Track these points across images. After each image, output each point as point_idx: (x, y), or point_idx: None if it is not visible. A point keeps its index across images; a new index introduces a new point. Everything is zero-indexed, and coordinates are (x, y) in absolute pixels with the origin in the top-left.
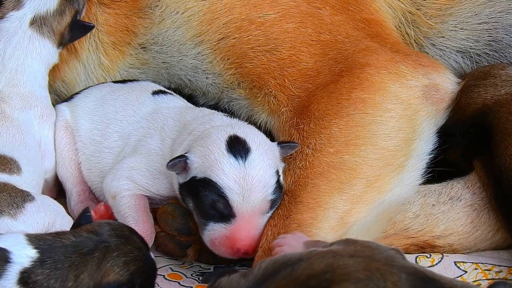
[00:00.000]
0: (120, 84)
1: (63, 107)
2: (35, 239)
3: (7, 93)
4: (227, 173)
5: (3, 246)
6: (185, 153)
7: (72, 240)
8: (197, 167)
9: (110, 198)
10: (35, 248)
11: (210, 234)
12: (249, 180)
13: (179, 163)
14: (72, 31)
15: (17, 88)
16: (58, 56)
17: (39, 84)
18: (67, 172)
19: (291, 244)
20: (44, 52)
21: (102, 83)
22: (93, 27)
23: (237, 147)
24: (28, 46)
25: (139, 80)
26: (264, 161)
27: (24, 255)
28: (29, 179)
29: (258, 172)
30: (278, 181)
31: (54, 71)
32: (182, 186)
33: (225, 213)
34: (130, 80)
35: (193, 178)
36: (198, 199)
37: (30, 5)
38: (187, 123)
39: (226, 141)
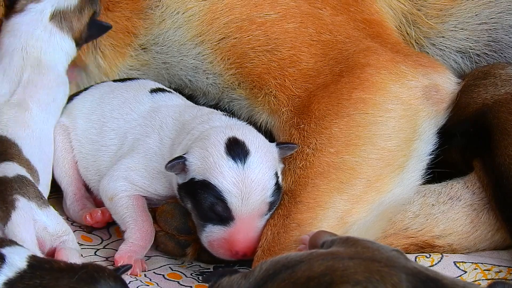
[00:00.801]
0: (118, 83)
1: None
2: (34, 256)
3: (31, 88)
4: (226, 176)
5: (4, 252)
6: (184, 154)
7: (62, 267)
8: (196, 169)
9: (107, 200)
10: (28, 262)
11: (209, 236)
12: (248, 183)
13: (178, 164)
14: (90, 30)
15: (42, 78)
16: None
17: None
18: (62, 172)
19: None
20: (65, 46)
21: (101, 82)
22: (110, 27)
23: (236, 150)
24: (50, 39)
25: (138, 79)
26: (263, 163)
27: (14, 265)
28: (44, 192)
29: (257, 174)
30: (277, 183)
31: None
32: (181, 187)
33: (224, 216)
34: (130, 79)
35: (192, 179)
36: (197, 201)
37: None
38: (186, 122)
39: (225, 143)
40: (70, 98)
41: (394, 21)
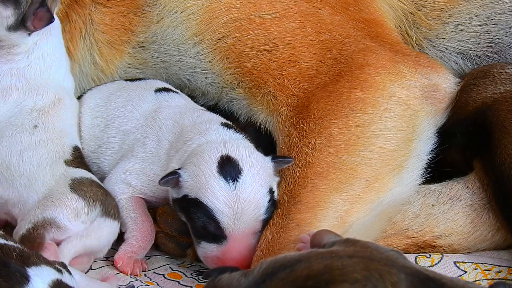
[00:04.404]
0: (128, 82)
1: None
2: (58, 282)
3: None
4: (218, 196)
5: (30, 273)
6: (178, 169)
7: None
8: (189, 186)
9: None
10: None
11: (203, 252)
12: (240, 203)
13: (171, 180)
14: None
15: None
16: None
17: None
18: None
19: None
20: None
21: (114, 81)
22: None
23: (228, 169)
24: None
25: (148, 79)
26: (256, 182)
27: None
28: None
29: (250, 194)
30: (271, 199)
31: None
32: (175, 201)
33: (217, 235)
34: (139, 79)
35: (185, 196)
36: (190, 219)
37: None
38: (184, 127)
39: (218, 161)
40: (81, 95)
41: (394, 20)
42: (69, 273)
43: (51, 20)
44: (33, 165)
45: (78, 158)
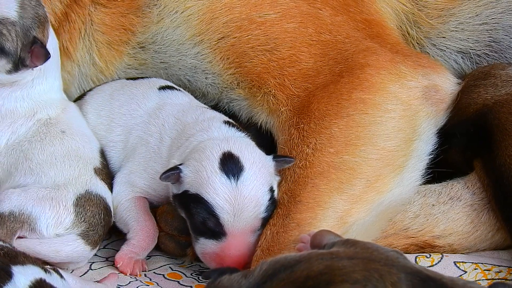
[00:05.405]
0: (131, 81)
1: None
2: (41, 282)
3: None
4: (219, 192)
5: (13, 270)
6: (179, 164)
7: None
8: (190, 182)
9: (115, 208)
10: (30, 284)
11: (201, 248)
12: (241, 200)
13: (173, 175)
14: None
15: None
16: None
17: None
18: None
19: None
20: None
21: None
22: None
23: (230, 165)
24: None
25: (150, 77)
26: (257, 179)
27: (16, 287)
28: None
29: (250, 191)
30: (271, 198)
31: None
32: (175, 197)
33: (216, 231)
34: (142, 78)
35: (186, 192)
36: (190, 214)
37: None
38: (187, 124)
39: (220, 158)
40: (83, 94)
41: (395, 21)
42: (60, 275)
43: (47, 56)
44: (65, 165)
45: (105, 167)
